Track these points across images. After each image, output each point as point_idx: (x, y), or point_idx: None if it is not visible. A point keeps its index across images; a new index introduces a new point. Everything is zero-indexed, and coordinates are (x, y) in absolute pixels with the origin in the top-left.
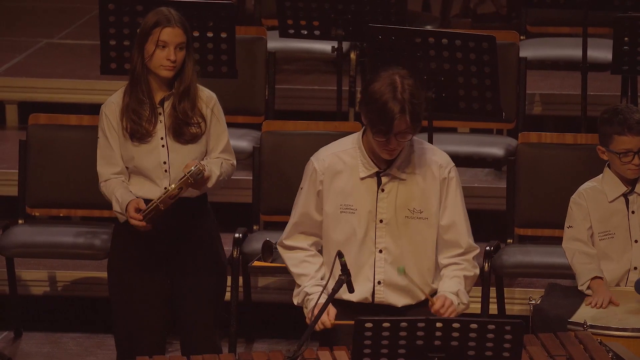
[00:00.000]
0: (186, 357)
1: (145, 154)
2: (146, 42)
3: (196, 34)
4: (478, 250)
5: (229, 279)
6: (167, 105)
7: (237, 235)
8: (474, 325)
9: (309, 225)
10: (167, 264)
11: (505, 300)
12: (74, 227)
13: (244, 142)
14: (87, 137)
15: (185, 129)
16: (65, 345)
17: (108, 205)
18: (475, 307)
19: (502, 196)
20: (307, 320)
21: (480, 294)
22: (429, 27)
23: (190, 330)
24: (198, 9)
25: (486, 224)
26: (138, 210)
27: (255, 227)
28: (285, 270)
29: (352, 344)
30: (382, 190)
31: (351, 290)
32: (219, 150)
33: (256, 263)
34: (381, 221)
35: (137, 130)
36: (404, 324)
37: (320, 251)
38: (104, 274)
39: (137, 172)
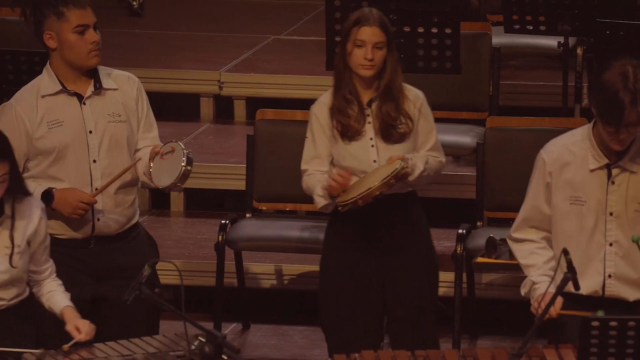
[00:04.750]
0: (410, 352)
1: (355, 152)
2: (347, 41)
3: (420, 29)
4: None
5: (452, 274)
6: (375, 106)
7: (460, 231)
8: None
9: (539, 220)
10: (378, 260)
11: None
12: (300, 222)
13: (468, 137)
14: None
15: (392, 131)
16: (291, 338)
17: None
18: None
19: None
20: (532, 309)
21: None
22: None
23: (400, 324)
24: (423, 4)
25: None
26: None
27: (479, 224)
28: (509, 267)
29: (578, 341)
30: (613, 182)
31: (577, 287)
32: (427, 148)
33: (480, 259)
34: (611, 214)
35: (347, 129)
36: (631, 323)
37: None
38: None
39: None
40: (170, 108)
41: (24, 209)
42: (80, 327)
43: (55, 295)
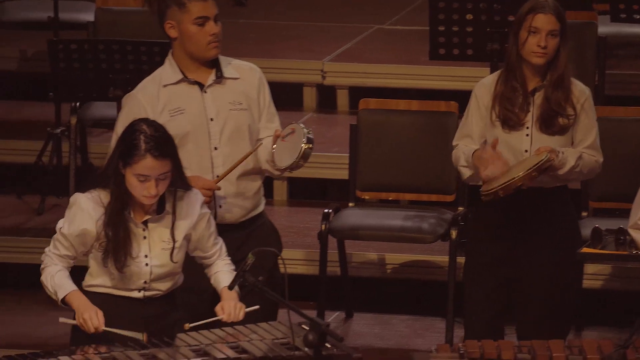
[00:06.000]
0: (516, 342)
1: (509, 140)
2: (520, 28)
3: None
4: None
5: None
6: (539, 95)
7: None
8: None
9: None
10: (513, 252)
11: None
12: (403, 211)
13: None
14: (416, 122)
15: (555, 120)
16: (395, 327)
17: (436, 190)
18: None
19: None
20: None
21: None
22: None
23: (526, 315)
24: None
25: None
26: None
27: (584, 214)
28: (615, 258)
29: None
30: None
31: None
32: (585, 145)
33: (585, 249)
34: None
35: (509, 118)
36: None
37: None
38: (432, 257)
39: None
40: (273, 97)
41: (183, 206)
42: (224, 308)
43: (220, 276)
